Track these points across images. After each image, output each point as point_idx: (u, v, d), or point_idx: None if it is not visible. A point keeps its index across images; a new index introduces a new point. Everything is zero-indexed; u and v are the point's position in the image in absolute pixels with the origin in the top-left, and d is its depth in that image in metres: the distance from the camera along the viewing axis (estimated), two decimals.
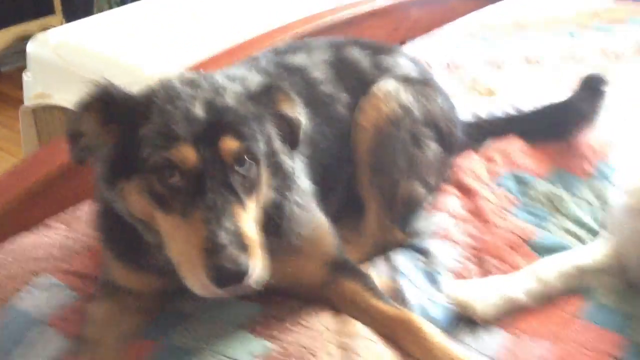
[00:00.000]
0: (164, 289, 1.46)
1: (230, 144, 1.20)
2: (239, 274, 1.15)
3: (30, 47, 2.94)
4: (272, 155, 1.31)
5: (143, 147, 1.21)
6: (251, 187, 1.24)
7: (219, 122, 1.21)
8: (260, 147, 1.26)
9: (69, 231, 1.77)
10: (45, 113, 2.87)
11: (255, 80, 1.59)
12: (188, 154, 1.18)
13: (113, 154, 1.27)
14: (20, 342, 1.47)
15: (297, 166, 1.47)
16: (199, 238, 1.16)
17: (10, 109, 4.43)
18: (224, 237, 1.14)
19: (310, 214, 1.47)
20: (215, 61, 2.29)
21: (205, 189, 1.18)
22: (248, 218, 1.21)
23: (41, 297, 1.55)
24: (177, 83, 1.27)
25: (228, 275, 1.14)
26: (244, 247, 1.16)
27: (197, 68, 2.24)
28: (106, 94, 1.28)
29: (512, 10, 2.89)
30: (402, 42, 2.71)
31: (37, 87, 2.88)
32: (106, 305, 1.45)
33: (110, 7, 4.82)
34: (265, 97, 1.32)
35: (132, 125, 1.23)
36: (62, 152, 1.91)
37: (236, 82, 1.44)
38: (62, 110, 2.74)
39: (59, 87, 2.78)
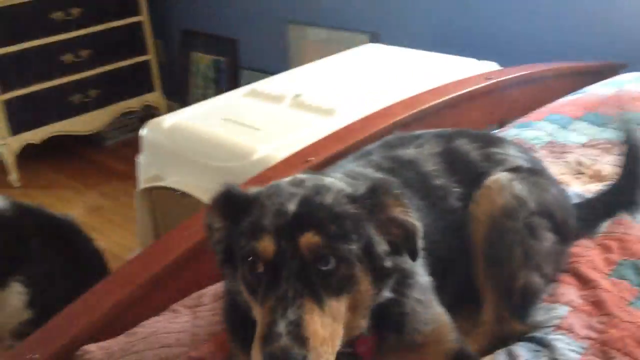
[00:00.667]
0: None
1: (309, 240, 1.23)
2: None
3: (145, 132, 3.11)
4: (375, 259, 1.30)
5: (241, 239, 1.30)
6: (338, 287, 1.25)
7: (306, 217, 1.26)
8: (352, 248, 1.26)
9: (194, 318, 1.85)
10: (159, 194, 3.02)
11: (374, 177, 1.67)
12: (268, 244, 1.24)
13: (228, 248, 1.37)
14: None
15: (417, 262, 1.47)
16: (262, 326, 1.20)
17: (115, 182, 4.68)
18: (281, 327, 1.16)
19: (431, 309, 1.49)
20: (322, 146, 2.38)
21: (281, 280, 1.22)
22: (323, 315, 1.22)
23: None
24: (284, 183, 1.36)
25: None
26: (301, 339, 1.16)
27: (303, 153, 2.34)
28: (227, 193, 1.39)
29: (615, 87, 2.86)
30: (500, 124, 2.74)
31: (150, 170, 3.03)
32: None
33: (206, 85, 5.07)
34: (371, 200, 1.33)
35: (239, 221, 1.33)
36: (185, 238, 2.03)
37: (357, 180, 1.53)
38: (175, 192, 2.88)
39: (171, 170, 2.92)
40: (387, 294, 1.37)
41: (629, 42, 3.20)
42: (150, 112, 5.04)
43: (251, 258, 1.27)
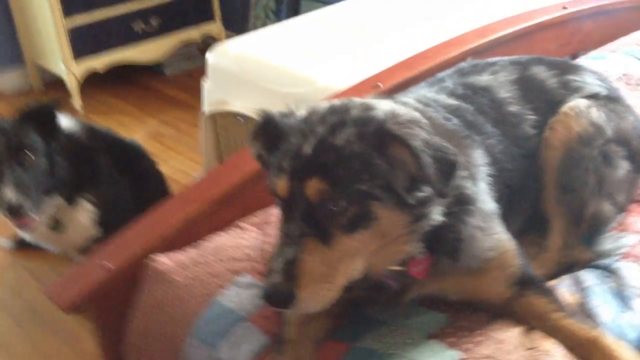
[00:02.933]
0: (351, 298, 1.54)
1: (314, 186, 1.27)
2: (278, 300, 1.25)
3: (211, 57, 3.13)
4: (398, 194, 1.29)
5: (271, 172, 1.37)
6: (351, 224, 1.27)
7: (316, 161, 1.28)
8: (363, 188, 1.27)
9: (261, 234, 1.89)
10: (223, 118, 3.05)
11: (446, 102, 1.65)
12: (283, 185, 1.30)
13: None
14: (226, 336, 1.60)
15: (481, 188, 1.49)
16: (269, 261, 1.30)
17: (175, 110, 4.73)
18: (276, 264, 1.26)
19: (495, 236, 1.49)
20: (391, 73, 2.36)
21: (290, 219, 1.29)
22: (327, 252, 1.27)
23: (243, 296, 1.67)
24: (317, 114, 1.35)
25: (269, 297, 1.26)
26: (290, 276, 1.24)
27: (373, 80, 2.32)
28: (266, 123, 1.43)
29: None
30: (573, 56, 2.66)
31: (216, 94, 3.06)
32: None
33: (266, 15, 5.03)
34: (376, 139, 1.30)
35: (275, 149, 1.38)
36: (252, 159, 2.06)
37: (429, 106, 1.55)
38: (238, 115, 2.90)
39: (236, 94, 2.94)
40: (438, 217, 1.36)
41: None
42: (209, 43, 5.04)
43: (275, 195, 1.34)
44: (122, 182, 2.84)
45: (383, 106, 1.37)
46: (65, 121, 2.67)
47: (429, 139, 1.29)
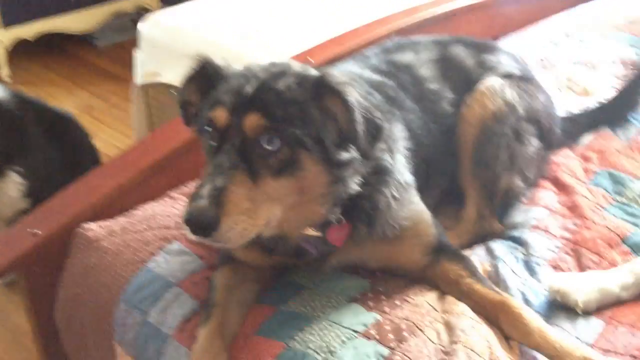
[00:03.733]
0: (277, 264, 1.61)
1: (253, 119, 1.32)
2: (202, 225, 1.26)
3: (143, 28, 3.12)
4: (326, 148, 1.36)
5: (206, 108, 1.40)
6: (278, 167, 1.33)
7: (257, 100, 1.34)
8: (297, 132, 1.33)
9: None
10: (155, 90, 3.05)
11: (370, 78, 1.73)
12: (221, 115, 1.34)
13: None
14: (156, 301, 1.63)
15: (399, 161, 1.56)
16: (195, 187, 1.31)
17: (106, 83, 4.66)
18: (205, 190, 1.27)
19: (411, 206, 1.57)
20: (321, 48, 2.41)
21: (222, 151, 1.32)
22: (254, 189, 1.31)
23: (174, 263, 1.71)
24: (258, 65, 1.43)
25: (193, 222, 1.27)
26: (218, 203, 1.26)
27: (303, 55, 2.38)
28: (203, 68, 1.47)
29: (606, 11, 2.90)
30: (495, 38, 2.77)
31: (148, 66, 3.05)
32: (227, 274, 1.58)
33: None
34: (315, 90, 1.37)
35: (208, 94, 1.42)
36: (185, 129, 2.09)
37: (355, 81, 1.58)
38: (171, 87, 2.91)
39: (168, 66, 2.94)
40: (354, 186, 1.44)
41: None
42: (143, 15, 4.98)
43: (209, 128, 1.37)
44: (53, 154, 2.80)
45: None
46: None
47: (361, 100, 1.37)
